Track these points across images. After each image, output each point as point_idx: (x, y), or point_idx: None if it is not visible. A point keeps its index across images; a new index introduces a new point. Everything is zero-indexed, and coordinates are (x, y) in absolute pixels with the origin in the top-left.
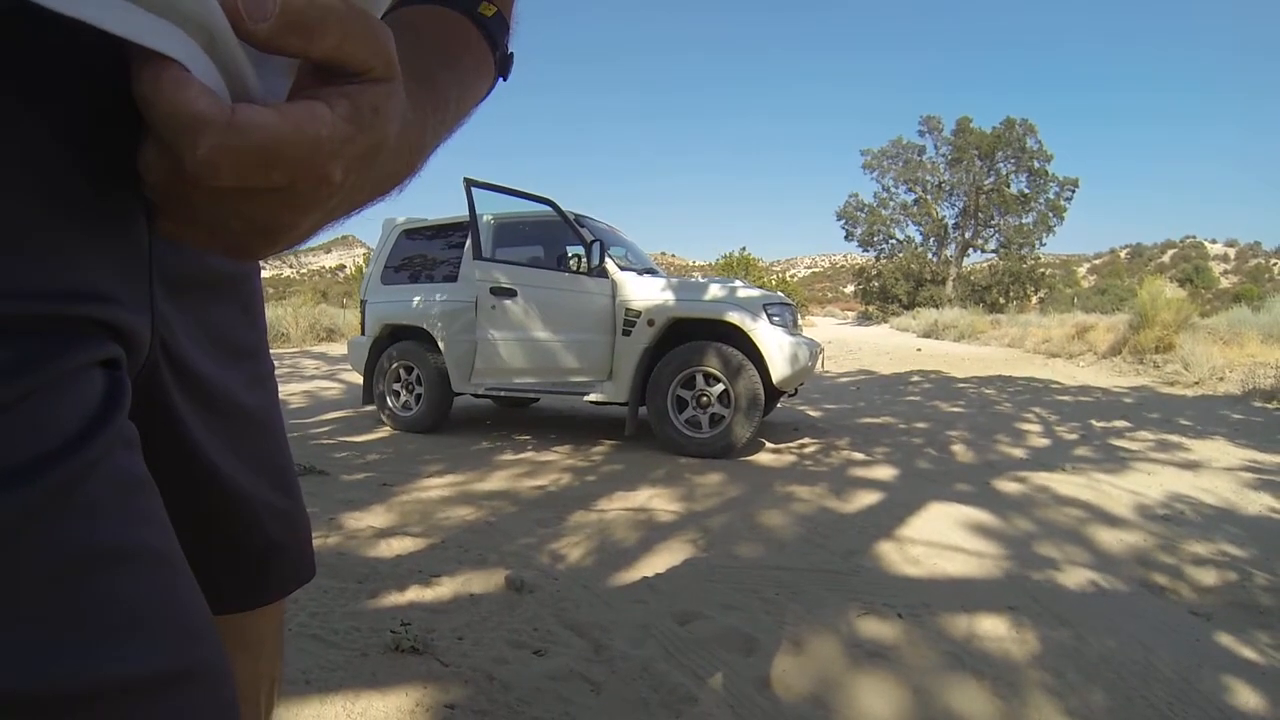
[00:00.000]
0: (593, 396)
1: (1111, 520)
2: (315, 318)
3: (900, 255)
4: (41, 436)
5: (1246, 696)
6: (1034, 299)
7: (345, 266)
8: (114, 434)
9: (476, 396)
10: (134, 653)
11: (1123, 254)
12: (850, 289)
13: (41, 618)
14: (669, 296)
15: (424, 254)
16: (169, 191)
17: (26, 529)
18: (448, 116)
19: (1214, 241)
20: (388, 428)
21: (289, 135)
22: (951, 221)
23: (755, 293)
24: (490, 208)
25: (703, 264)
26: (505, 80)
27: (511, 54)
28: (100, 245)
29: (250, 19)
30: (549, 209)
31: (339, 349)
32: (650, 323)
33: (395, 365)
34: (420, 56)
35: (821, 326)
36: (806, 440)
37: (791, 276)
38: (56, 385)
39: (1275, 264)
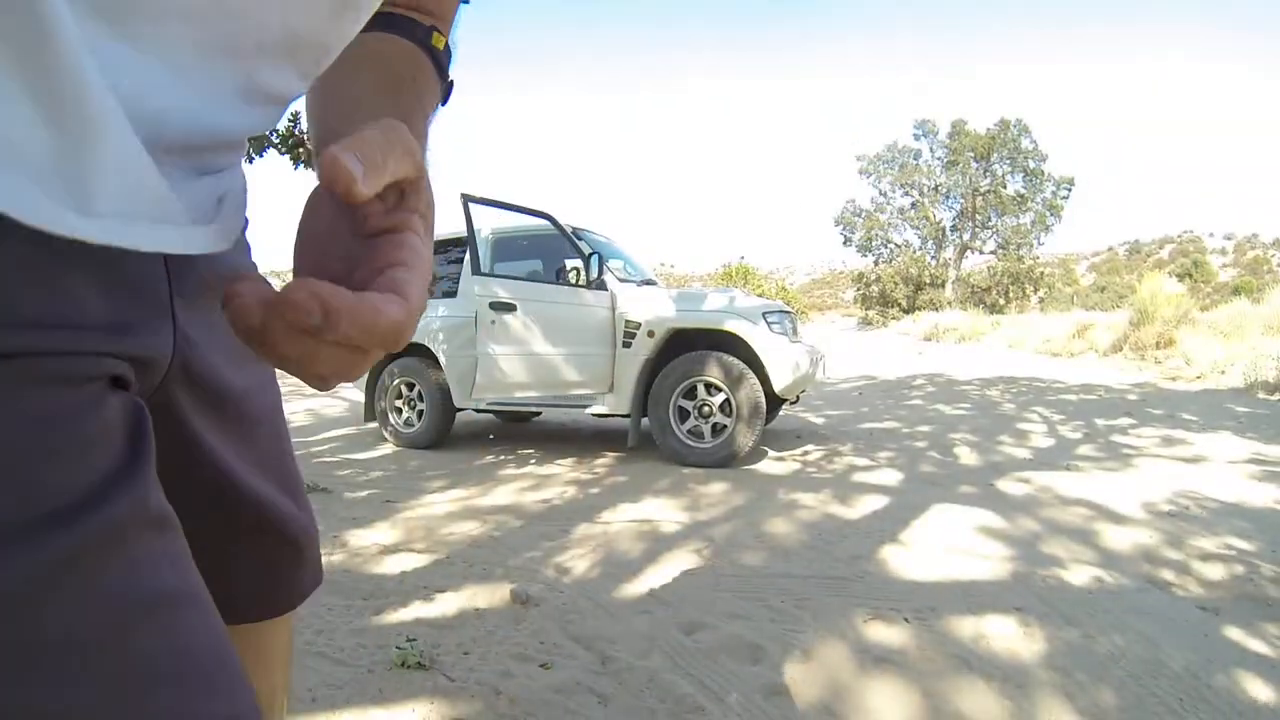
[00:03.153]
0: (595, 409)
1: (1117, 518)
2: None
3: (899, 259)
4: (79, 478)
5: (1258, 689)
6: (1033, 299)
7: None
8: (148, 469)
9: (478, 411)
10: (191, 698)
11: (1120, 251)
12: (849, 295)
13: (107, 668)
14: (668, 307)
15: None
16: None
17: (81, 571)
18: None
19: (1211, 235)
20: (390, 444)
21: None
22: (949, 224)
23: (754, 301)
24: (488, 223)
25: (702, 275)
26: (444, 106)
27: (452, 82)
28: (111, 279)
29: (349, 191)
30: (547, 223)
31: None
32: (650, 334)
33: (397, 382)
34: (403, 101)
35: (822, 333)
36: (810, 447)
37: (790, 284)
38: (89, 421)
39: (1274, 255)
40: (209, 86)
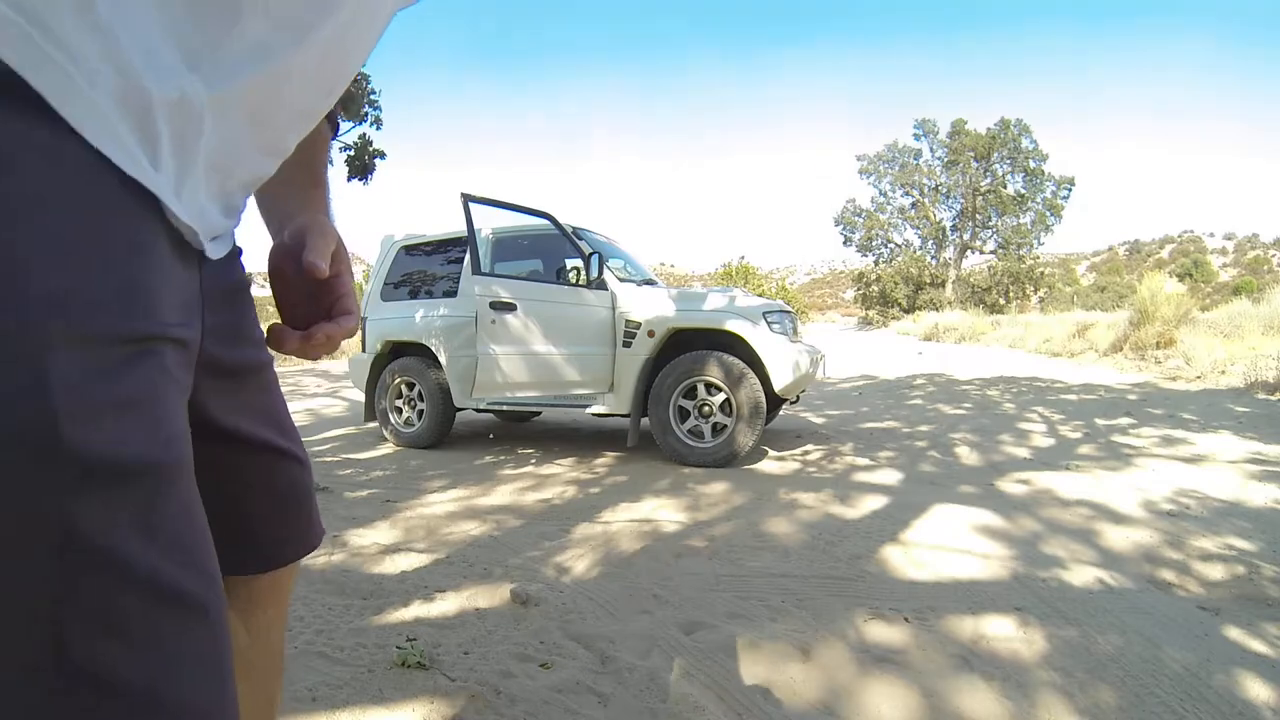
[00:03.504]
0: (595, 409)
1: (1117, 518)
2: None
3: (899, 259)
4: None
5: (1257, 689)
6: (1033, 299)
7: None
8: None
9: (479, 411)
10: (202, 576)
11: (1121, 251)
12: (850, 294)
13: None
14: (668, 307)
15: (423, 270)
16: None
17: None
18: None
19: (1212, 235)
20: (391, 444)
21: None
22: (949, 224)
23: (755, 301)
24: (488, 222)
25: (702, 274)
26: (335, 139)
27: (339, 124)
28: (178, 283)
29: (319, 273)
30: (547, 222)
31: (340, 366)
32: (650, 334)
33: (397, 381)
34: (315, 168)
35: (822, 333)
36: (810, 447)
37: (790, 284)
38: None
39: (1274, 255)
40: (262, 141)
